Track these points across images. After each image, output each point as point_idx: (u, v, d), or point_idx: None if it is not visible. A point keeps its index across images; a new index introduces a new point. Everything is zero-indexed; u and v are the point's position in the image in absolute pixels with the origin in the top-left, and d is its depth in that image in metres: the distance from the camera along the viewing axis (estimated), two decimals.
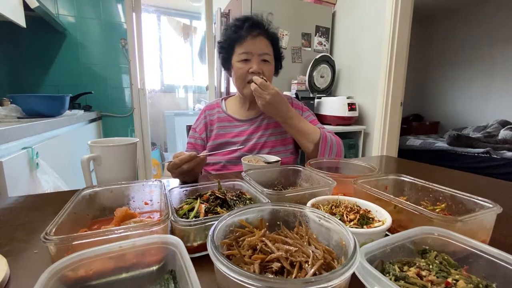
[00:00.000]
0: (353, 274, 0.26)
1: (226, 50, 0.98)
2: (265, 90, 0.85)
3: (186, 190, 0.53)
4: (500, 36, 3.11)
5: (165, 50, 3.53)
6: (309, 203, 0.46)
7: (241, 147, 0.96)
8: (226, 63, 1.00)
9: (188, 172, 0.71)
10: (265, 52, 0.93)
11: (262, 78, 0.88)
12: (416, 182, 0.56)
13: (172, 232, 0.42)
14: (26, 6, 1.48)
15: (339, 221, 0.34)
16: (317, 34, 2.36)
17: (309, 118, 1.06)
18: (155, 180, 0.55)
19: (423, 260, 0.33)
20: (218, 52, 1.03)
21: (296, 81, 2.21)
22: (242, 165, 0.94)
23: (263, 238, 0.33)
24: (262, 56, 0.93)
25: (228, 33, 0.97)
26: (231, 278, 0.24)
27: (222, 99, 1.12)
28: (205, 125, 1.05)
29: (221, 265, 0.25)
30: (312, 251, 0.30)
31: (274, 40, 0.97)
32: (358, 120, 2.20)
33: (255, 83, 0.87)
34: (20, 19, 1.45)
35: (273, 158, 0.82)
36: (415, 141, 3.00)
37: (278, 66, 1.04)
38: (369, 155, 2.16)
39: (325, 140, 0.90)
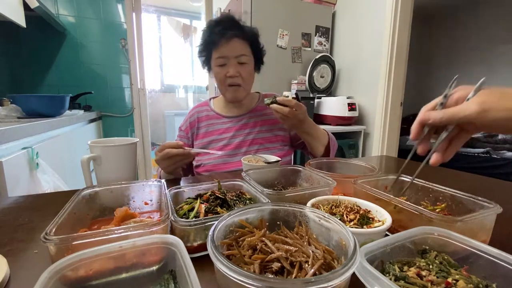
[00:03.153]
0: (353, 274, 0.26)
1: (204, 54, 0.98)
2: (299, 110, 0.80)
3: (186, 190, 0.53)
4: (500, 37, 3.11)
5: (165, 50, 3.52)
6: (309, 203, 0.46)
7: (220, 153, 0.93)
8: (207, 66, 1.01)
9: (171, 158, 0.72)
10: (240, 54, 0.91)
11: (287, 96, 0.83)
12: (416, 182, 0.56)
13: (172, 232, 0.42)
14: (26, 6, 1.48)
15: (339, 221, 0.34)
16: (317, 34, 2.36)
17: None
18: (155, 180, 0.55)
19: (423, 260, 0.33)
20: (199, 57, 1.01)
21: (296, 81, 2.21)
22: (233, 164, 0.95)
23: (263, 238, 0.33)
24: (238, 58, 0.92)
25: (204, 37, 0.95)
26: (231, 278, 0.24)
27: (210, 99, 1.13)
28: (190, 124, 1.04)
29: (221, 265, 0.25)
30: (312, 251, 0.31)
31: (251, 38, 0.95)
32: (358, 120, 2.20)
33: (289, 106, 0.79)
34: (20, 19, 1.45)
35: (273, 158, 0.82)
36: (415, 141, 2.99)
37: (259, 63, 1.02)
38: (369, 155, 2.16)
39: (332, 140, 0.95)
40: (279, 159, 0.81)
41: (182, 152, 0.73)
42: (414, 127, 0.45)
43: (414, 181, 0.56)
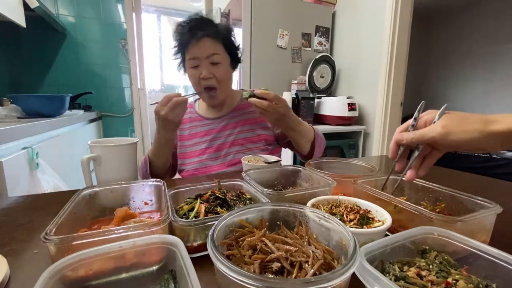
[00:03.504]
0: (353, 274, 0.26)
1: (178, 56, 0.95)
2: (279, 103, 0.77)
3: (186, 190, 0.53)
4: (500, 36, 3.11)
5: (165, 50, 3.52)
6: (309, 203, 0.46)
7: (190, 94, 0.91)
8: (183, 69, 0.97)
9: (176, 107, 0.75)
10: (212, 53, 0.87)
11: (265, 89, 0.79)
12: (416, 182, 0.56)
13: (172, 232, 0.42)
14: (26, 6, 1.48)
15: (339, 221, 0.34)
16: (317, 34, 2.36)
17: None
18: (155, 180, 0.55)
19: (423, 260, 0.33)
20: (173, 59, 0.98)
21: (296, 81, 2.21)
22: (215, 167, 0.94)
23: (263, 238, 0.33)
24: (210, 58, 0.88)
25: (176, 38, 0.92)
26: (231, 278, 0.24)
27: (195, 100, 1.11)
28: None
29: (221, 265, 0.25)
30: (312, 251, 0.30)
31: (222, 36, 0.91)
32: (358, 120, 2.20)
33: (267, 98, 0.76)
34: (20, 19, 1.45)
35: (273, 158, 0.82)
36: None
37: (234, 61, 0.97)
38: (369, 155, 2.16)
39: (318, 136, 0.93)
40: (279, 159, 0.81)
41: (186, 98, 0.77)
42: (391, 146, 0.51)
43: (414, 181, 0.56)
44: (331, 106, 2.13)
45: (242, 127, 0.98)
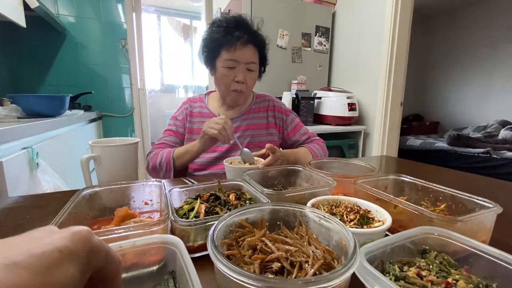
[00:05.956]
0: (353, 274, 0.26)
1: (211, 50, 0.94)
2: (277, 153, 0.81)
3: (186, 190, 0.53)
4: (500, 36, 3.11)
5: (165, 50, 3.52)
6: (309, 203, 0.46)
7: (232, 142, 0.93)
8: (210, 63, 0.97)
9: (223, 129, 0.80)
10: (251, 61, 0.92)
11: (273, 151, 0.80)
12: (416, 182, 0.56)
13: (172, 232, 0.42)
14: (26, 6, 1.48)
15: (339, 221, 0.34)
16: (317, 34, 2.36)
17: (294, 122, 1.09)
18: (155, 180, 0.55)
19: (423, 260, 0.33)
20: (202, 50, 0.98)
21: (296, 81, 2.21)
22: (220, 166, 0.95)
23: (263, 238, 0.33)
24: (248, 65, 0.92)
25: (215, 34, 0.91)
26: (231, 278, 0.24)
27: (205, 94, 1.11)
28: (186, 115, 1.04)
29: (221, 265, 0.25)
30: (312, 251, 0.30)
31: (261, 47, 0.96)
32: (358, 120, 2.20)
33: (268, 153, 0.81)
34: (20, 19, 1.45)
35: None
36: (415, 141, 2.99)
37: (261, 71, 1.02)
38: (369, 155, 2.16)
39: (317, 156, 1.01)
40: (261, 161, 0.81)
41: (230, 133, 0.81)
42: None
43: (414, 181, 0.56)
44: (331, 106, 2.13)
45: (252, 131, 1.02)
